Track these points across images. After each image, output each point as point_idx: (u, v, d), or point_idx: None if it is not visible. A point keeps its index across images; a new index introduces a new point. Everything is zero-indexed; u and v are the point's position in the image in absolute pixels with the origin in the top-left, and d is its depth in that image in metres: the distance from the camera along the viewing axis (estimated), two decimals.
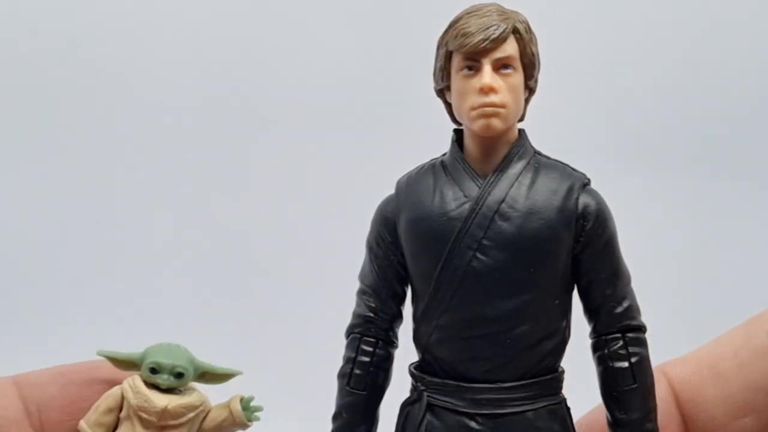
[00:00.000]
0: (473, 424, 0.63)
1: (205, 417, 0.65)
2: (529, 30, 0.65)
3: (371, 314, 0.68)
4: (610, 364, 0.65)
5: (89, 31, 1.50)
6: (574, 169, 0.66)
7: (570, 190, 0.64)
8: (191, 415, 0.63)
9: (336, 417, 0.68)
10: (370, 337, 0.68)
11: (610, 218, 0.66)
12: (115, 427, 0.64)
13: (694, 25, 1.52)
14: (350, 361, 0.68)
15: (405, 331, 0.70)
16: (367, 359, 0.67)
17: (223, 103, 1.50)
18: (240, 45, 1.52)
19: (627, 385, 0.64)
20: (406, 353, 0.70)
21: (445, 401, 0.64)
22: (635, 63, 1.51)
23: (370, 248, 0.69)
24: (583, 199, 0.64)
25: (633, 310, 0.66)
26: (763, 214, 1.49)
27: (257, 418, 0.66)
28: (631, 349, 0.65)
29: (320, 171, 1.45)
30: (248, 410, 0.65)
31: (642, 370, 0.65)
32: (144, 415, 0.62)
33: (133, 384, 0.64)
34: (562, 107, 1.37)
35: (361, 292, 0.69)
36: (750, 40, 1.51)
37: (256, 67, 1.51)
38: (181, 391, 0.65)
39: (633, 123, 1.51)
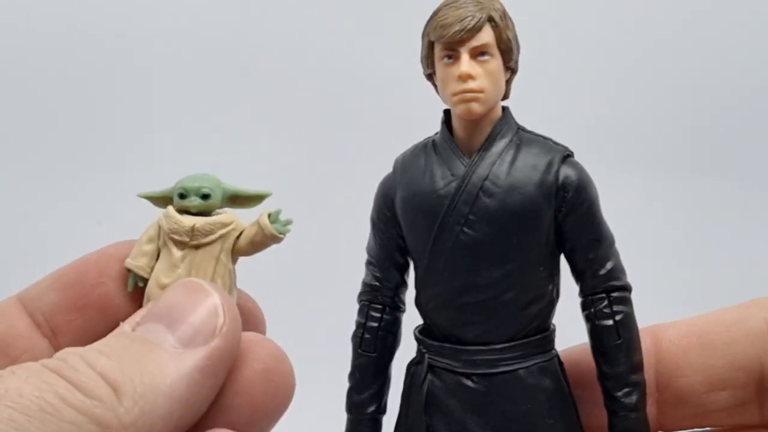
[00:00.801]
0: (469, 383, 0.68)
1: (239, 237, 0.65)
2: (504, 17, 0.69)
3: (376, 283, 0.74)
4: (597, 323, 0.69)
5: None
6: (555, 143, 0.70)
7: (550, 164, 0.68)
8: (222, 231, 0.64)
9: (351, 376, 0.74)
10: (377, 303, 0.74)
11: (591, 187, 0.69)
12: (157, 257, 0.65)
13: (694, 26, 1.52)
14: (360, 326, 0.74)
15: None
16: (375, 324, 0.73)
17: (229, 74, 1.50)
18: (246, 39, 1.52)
19: (612, 342, 0.68)
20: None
21: (443, 362, 0.69)
22: (636, 64, 1.51)
23: (373, 223, 0.74)
24: (564, 171, 0.68)
25: (616, 271, 0.69)
26: (763, 214, 1.49)
27: (288, 230, 0.65)
28: (615, 308, 0.68)
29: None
30: (277, 222, 0.65)
31: (626, 326, 0.68)
32: (176, 237, 0.64)
33: (166, 213, 0.65)
34: (561, 109, 1.37)
35: (368, 263, 0.75)
36: (749, 41, 1.51)
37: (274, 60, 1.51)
38: (210, 215, 0.66)
39: (632, 123, 1.51)
